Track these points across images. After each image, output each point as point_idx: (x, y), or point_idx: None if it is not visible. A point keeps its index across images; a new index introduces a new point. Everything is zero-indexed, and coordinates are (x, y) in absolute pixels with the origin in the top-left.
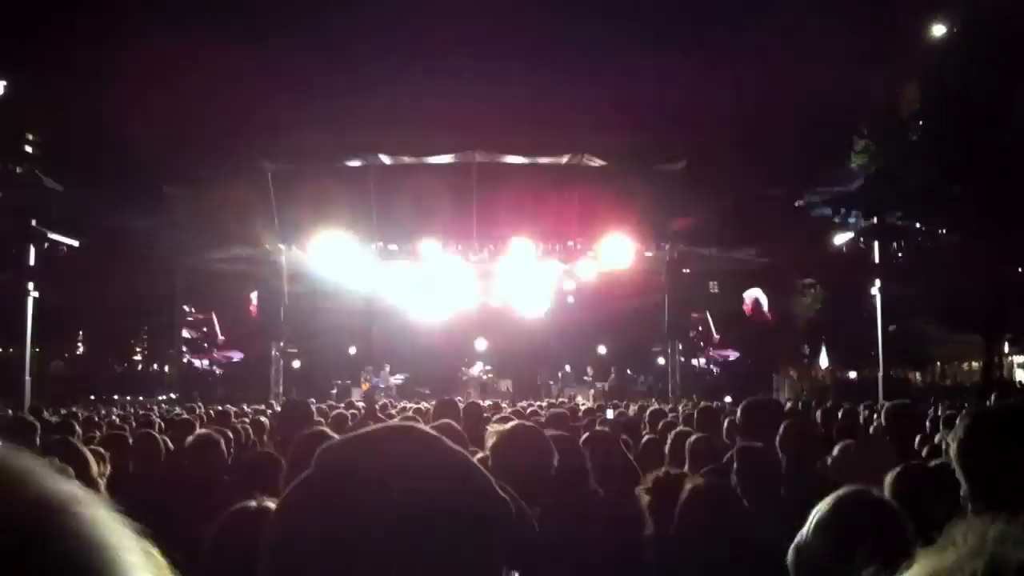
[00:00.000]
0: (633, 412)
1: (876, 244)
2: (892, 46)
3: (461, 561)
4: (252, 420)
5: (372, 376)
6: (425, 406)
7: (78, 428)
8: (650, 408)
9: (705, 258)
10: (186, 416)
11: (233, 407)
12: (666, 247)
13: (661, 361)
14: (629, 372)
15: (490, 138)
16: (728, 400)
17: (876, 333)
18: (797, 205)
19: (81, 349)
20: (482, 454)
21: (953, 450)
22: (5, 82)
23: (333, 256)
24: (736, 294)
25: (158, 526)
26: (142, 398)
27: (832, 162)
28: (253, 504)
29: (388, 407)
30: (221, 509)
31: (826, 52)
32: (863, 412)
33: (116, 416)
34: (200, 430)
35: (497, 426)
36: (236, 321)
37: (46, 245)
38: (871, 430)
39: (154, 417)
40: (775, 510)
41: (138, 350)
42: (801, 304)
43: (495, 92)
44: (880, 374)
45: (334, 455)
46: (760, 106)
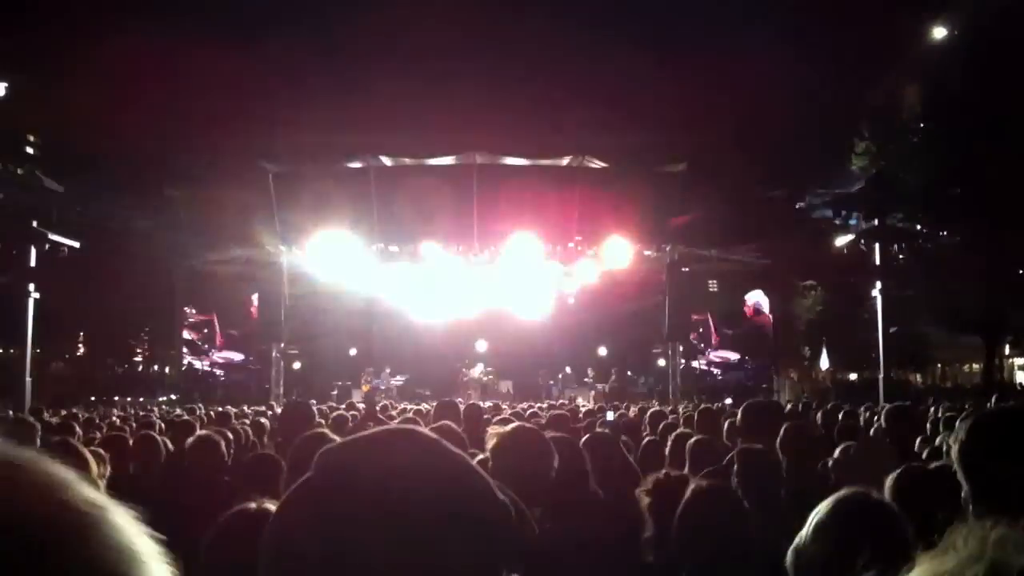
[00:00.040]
0: (633, 414)
1: (877, 246)
2: (893, 48)
3: (461, 564)
4: (252, 421)
5: (372, 377)
6: (425, 407)
7: (78, 429)
8: (650, 410)
9: (706, 259)
10: (186, 417)
11: (233, 408)
12: (666, 248)
13: (662, 363)
14: (630, 374)
15: (491, 140)
16: (728, 402)
17: (877, 335)
18: (798, 207)
19: (82, 350)
20: (482, 456)
21: (954, 452)
22: (5, 83)
23: (334, 257)
24: (737, 295)
25: (158, 527)
26: (142, 399)
27: (833, 164)
28: (253, 506)
29: (388, 408)
30: (221, 510)
31: (827, 54)
32: (863, 414)
33: (116, 417)
34: (200, 431)
35: (497, 428)
36: (237, 322)
37: (47, 246)
38: (871, 432)
39: (154, 418)
40: (776, 512)
41: (138, 351)
42: (802, 305)
43: (496, 94)
44: (881, 376)
45: (334, 458)
46: (761, 108)
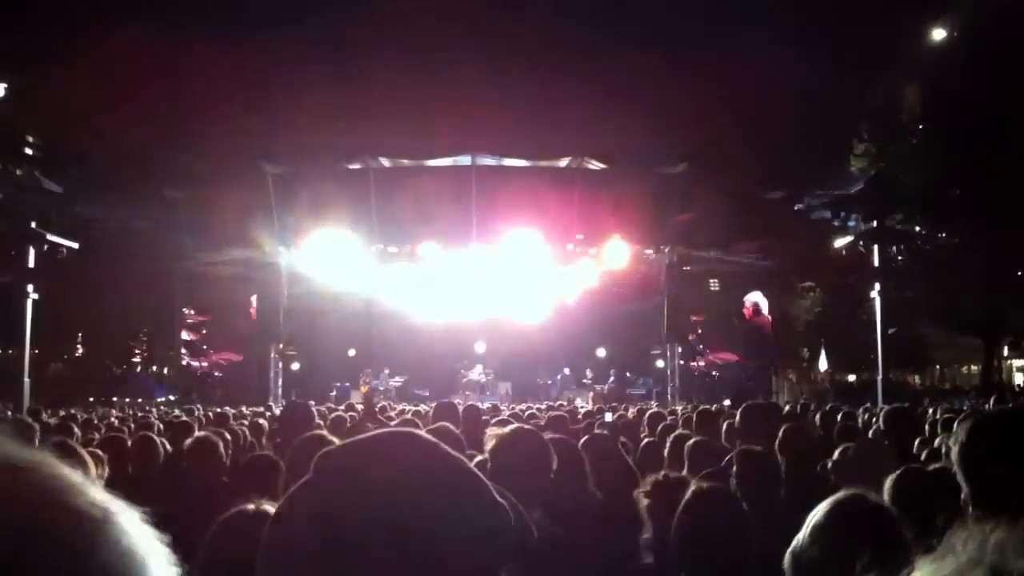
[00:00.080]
0: (632, 415)
1: (876, 247)
2: (892, 49)
3: (460, 567)
4: (251, 422)
5: (371, 378)
6: (424, 408)
7: (77, 430)
8: (649, 411)
9: (705, 261)
10: (185, 418)
11: (232, 409)
12: (666, 250)
13: (660, 364)
14: (628, 375)
15: (490, 141)
16: (727, 403)
17: (875, 336)
18: (797, 208)
19: (80, 351)
20: (481, 457)
21: (954, 453)
22: (5, 83)
23: (333, 258)
24: (736, 297)
25: (156, 528)
26: (140, 400)
27: (832, 165)
28: (251, 507)
29: (387, 409)
30: (219, 511)
31: (827, 54)
32: (862, 415)
33: (115, 418)
34: (199, 432)
35: (496, 429)
36: (235, 323)
37: (45, 247)
38: (870, 433)
39: (153, 419)
40: (774, 513)
41: (137, 352)
42: (801, 307)
43: (495, 95)
44: (879, 377)
45: (333, 460)
46: (760, 108)
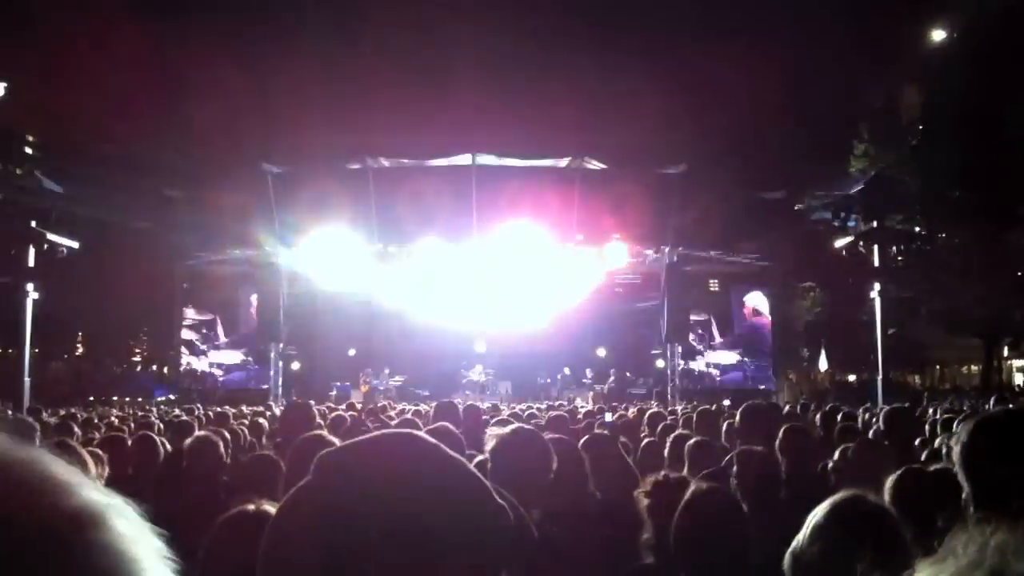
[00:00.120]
0: (632, 415)
1: (876, 247)
2: (892, 50)
3: (460, 567)
4: (251, 422)
5: (371, 378)
6: (424, 408)
7: (77, 429)
8: (649, 411)
9: (705, 260)
10: (185, 418)
11: (232, 409)
12: (666, 250)
13: (660, 364)
14: (628, 375)
15: (490, 141)
16: (727, 403)
17: (875, 336)
18: (797, 208)
19: (80, 350)
20: (481, 457)
21: (955, 454)
22: (5, 83)
23: (333, 258)
24: (736, 297)
25: (156, 528)
26: (140, 400)
27: (832, 165)
28: (251, 507)
29: (387, 409)
30: (219, 511)
31: (826, 55)
32: (862, 415)
33: (115, 418)
34: (199, 432)
35: (496, 429)
36: (236, 323)
37: (45, 246)
38: (870, 433)
39: (153, 419)
40: (774, 513)
41: (137, 352)
42: (801, 307)
43: (495, 95)
44: (879, 377)
45: (334, 461)
46: (760, 109)
